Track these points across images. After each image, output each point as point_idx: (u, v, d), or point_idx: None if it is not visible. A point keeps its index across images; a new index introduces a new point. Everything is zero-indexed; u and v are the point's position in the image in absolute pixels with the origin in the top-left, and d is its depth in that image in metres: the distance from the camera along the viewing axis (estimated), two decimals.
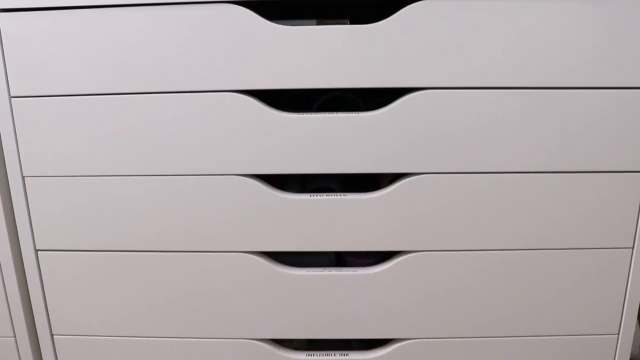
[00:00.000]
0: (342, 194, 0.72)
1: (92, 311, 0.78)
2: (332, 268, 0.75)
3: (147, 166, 0.71)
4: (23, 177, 0.73)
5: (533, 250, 0.73)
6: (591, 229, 0.72)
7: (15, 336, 0.80)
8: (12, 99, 0.70)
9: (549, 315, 0.77)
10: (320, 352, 0.79)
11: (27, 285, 0.78)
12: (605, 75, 0.67)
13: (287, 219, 0.72)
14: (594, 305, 0.76)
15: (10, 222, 0.75)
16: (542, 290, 0.75)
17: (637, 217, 0.72)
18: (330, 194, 0.72)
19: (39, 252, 0.76)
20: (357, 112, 0.68)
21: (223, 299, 0.76)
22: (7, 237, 0.75)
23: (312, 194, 0.72)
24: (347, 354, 0.79)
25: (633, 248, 0.73)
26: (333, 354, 0.79)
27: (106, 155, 0.71)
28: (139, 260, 0.75)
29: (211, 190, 0.71)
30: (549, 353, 0.79)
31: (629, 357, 0.80)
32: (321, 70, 0.67)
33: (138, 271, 0.75)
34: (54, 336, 0.80)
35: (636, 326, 1.09)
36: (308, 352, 0.79)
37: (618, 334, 0.78)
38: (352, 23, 0.68)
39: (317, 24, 0.69)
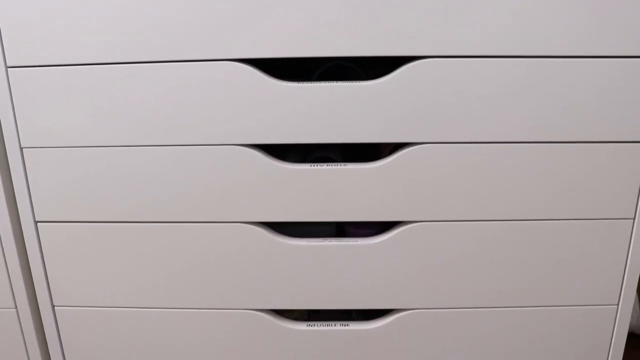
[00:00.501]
0: (342, 164, 0.71)
1: (93, 282, 0.78)
2: (333, 238, 0.75)
3: (146, 136, 0.70)
4: (21, 149, 0.72)
5: (533, 220, 0.73)
6: (592, 199, 0.72)
7: (16, 307, 0.80)
8: (9, 69, 0.69)
9: (548, 286, 0.77)
10: (321, 323, 0.79)
11: (27, 257, 0.78)
12: (608, 44, 0.66)
13: (287, 189, 0.72)
14: (593, 276, 0.76)
15: (9, 194, 0.75)
16: (542, 261, 0.75)
17: (638, 188, 0.72)
18: (330, 164, 0.71)
19: (38, 223, 0.76)
20: (357, 81, 0.67)
21: (223, 269, 0.76)
22: (7, 209, 0.75)
23: (312, 164, 0.71)
24: (347, 325, 0.79)
25: (634, 219, 0.73)
26: (333, 325, 0.79)
27: (105, 126, 0.70)
28: (138, 231, 0.75)
29: (211, 161, 0.71)
30: (549, 323, 0.79)
31: (627, 328, 0.81)
32: (321, 39, 0.66)
33: (137, 242, 0.75)
34: (55, 307, 0.80)
35: (635, 298, 1.09)
36: (308, 323, 0.79)
37: (617, 305, 0.78)
38: None
39: None
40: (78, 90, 0.69)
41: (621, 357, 0.82)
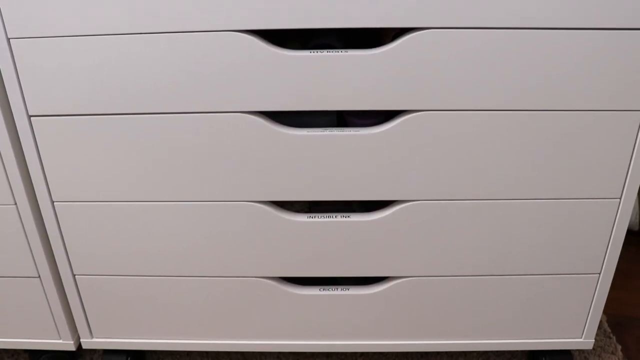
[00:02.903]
0: (343, 50, 0.69)
1: (91, 177, 0.78)
2: (334, 128, 0.73)
3: (143, 25, 0.67)
4: (8, 40, 0.69)
5: (539, 111, 0.72)
6: (600, 92, 0.70)
7: (16, 204, 0.80)
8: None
9: (553, 178, 0.76)
10: (321, 215, 0.79)
11: (23, 153, 0.77)
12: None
13: (286, 77, 0.69)
14: (598, 169, 0.76)
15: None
16: (546, 152, 0.74)
17: None
18: (331, 50, 0.69)
19: (32, 117, 0.74)
20: None
21: (221, 161, 0.75)
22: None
23: (312, 51, 0.69)
24: (348, 216, 0.79)
25: None
26: (334, 216, 0.79)
27: (98, 16, 0.67)
28: (134, 123, 0.73)
29: (208, 47, 0.68)
30: (551, 215, 0.79)
31: (628, 222, 0.81)
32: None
33: (133, 135, 0.74)
34: (55, 203, 0.80)
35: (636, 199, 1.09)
36: (309, 215, 0.79)
37: (620, 199, 0.78)
38: None
39: None
40: None
41: (619, 250, 0.83)
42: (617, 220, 0.80)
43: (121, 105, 0.72)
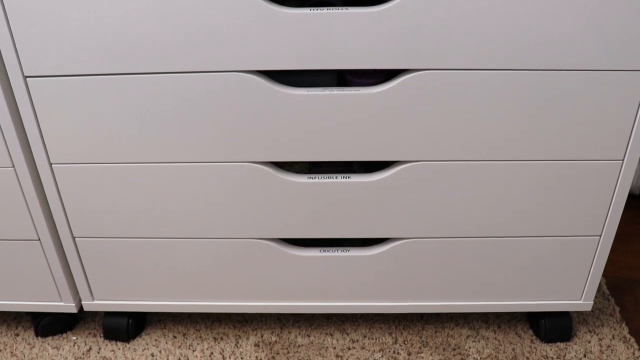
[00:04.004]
0: (343, 7, 0.67)
1: (88, 138, 0.77)
2: (334, 88, 0.72)
3: None
4: None
5: (542, 70, 0.70)
6: (602, 51, 0.69)
7: (14, 167, 0.80)
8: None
9: (554, 139, 0.75)
10: (322, 175, 0.79)
11: (19, 114, 0.76)
12: None
13: (286, 36, 0.68)
14: (601, 131, 0.75)
15: None
16: (550, 114, 0.73)
17: None
18: (331, 8, 0.67)
19: (27, 78, 0.73)
20: None
21: (220, 121, 0.74)
22: None
23: (311, 8, 0.67)
24: (348, 177, 0.79)
25: None
26: (334, 177, 0.79)
27: None
28: (132, 83, 0.72)
29: (206, 5, 0.67)
30: (553, 177, 0.79)
31: (630, 184, 0.80)
32: None
33: (132, 95, 0.73)
34: (53, 165, 0.80)
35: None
36: (309, 175, 0.79)
37: (623, 160, 0.78)
38: None
39: None
40: None
41: (621, 213, 0.83)
42: (619, 182, 0.79)
43: (119, 65, 0.71)
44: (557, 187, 0.80)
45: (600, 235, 0.85)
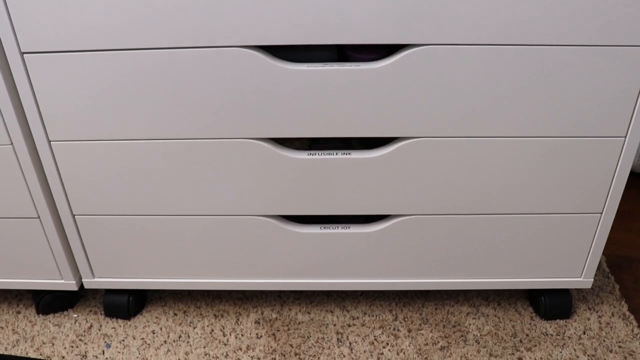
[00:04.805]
0: None
1: (87, 115, 0.76)
2: (334, 63, 0.72)
3: None
4: None
5: (544, 46, 0.70)
6: (602, 28, 0.68)
7: (12, 144, 0.79)
8: None
9: (556, 115, 0.75)
10: (322, 152, 0.78)
11: (16, 91, 0.75)
12: None
13: (285, 10, 0.67)
14: (604, 107, 0.74)
15: None
16: (552, 88, 0.72)
17: None
18: None
19: (24, 54, 0.72)
20: None
21: (220, 97, 0.74)
22: None
23: None
24: (348, 153, 0.78)
25: None
26: (334, 153, 0.78)
27: None
28: (131, 57, 0.71)
29: None
30: (555, 153, 0.78)
31: (632, 161, 0.80)
32: None
33: (131, 71, 0.72)
34: (51, 142, 0.79)
35: None
36: (309, 152, 0.79)
37: (625, 137, 0.77)
38: None
39: None
40: None
41: (622, 190, 0.83)
42: (621, 159, 0.79)
43: (117, 41, 0.70)
44: (559, 164, 0.79)
45: (601, 213, 0.85)
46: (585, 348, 0.93)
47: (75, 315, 1.01)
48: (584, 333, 0.95)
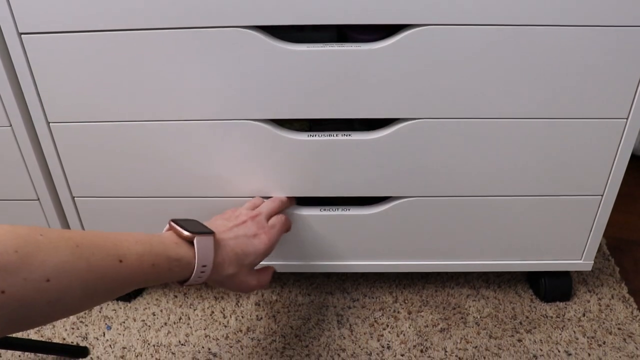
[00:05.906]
0: None
1: (86, 97, 0.76)
2: (334, 44, 0.71)
3: None
4: None
5: (546, 26, 0.69)
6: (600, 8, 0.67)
7: (11, 126, 0.79)
8: None
9: (557, 95, 0.74)
10: (322, 133, 0.78)
11: (15, 72, 0.75)
12: None
13: None
14: (606, 89, 0.74)
15: None
16: (555, 69, 0.72)
17: None
18: None
19: (22, 35, 0.71)
20: None
21: (220, 77, 0.73)
22: None
23: None
24: (349, 135, 0.78)
25: None
26: (335, 135, 0.78)
27: None
28: (130, 39, 0.71)
29: None
30: (556, 135, 0.78)
31: (634, 143, 0.79)
32: None
33: (130, 51, 0.72)
34: (50, 124, 0.79)
35: None
36: (310, 133, 0.78)
37: (627, 119, 0.77)
38: None
39: None
40: None
41: (623, 172, 0.82)
42: (622, 141, 0.79)
43: (116, 21, 0.70)
44: (559, 146, 0.79)
45: (602, 195, 0.84)
46: (585, 330, 0.93)
47: None
48: (584, 315, 0.96)
